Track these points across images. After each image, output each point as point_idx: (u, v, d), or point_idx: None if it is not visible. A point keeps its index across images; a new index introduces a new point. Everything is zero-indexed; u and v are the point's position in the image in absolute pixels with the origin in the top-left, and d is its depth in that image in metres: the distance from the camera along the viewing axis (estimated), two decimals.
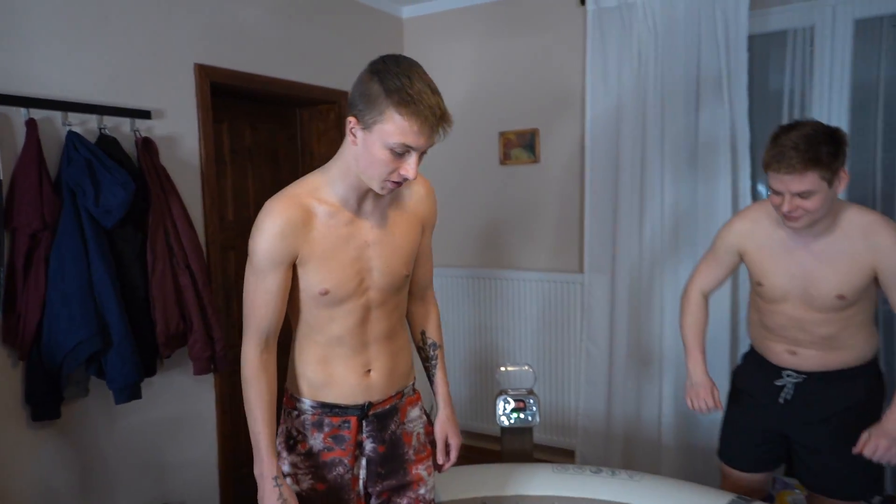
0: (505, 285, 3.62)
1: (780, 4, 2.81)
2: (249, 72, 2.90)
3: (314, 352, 1.58)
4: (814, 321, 1.84)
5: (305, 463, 1.57)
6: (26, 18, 2.15)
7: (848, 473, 1.89)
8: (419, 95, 1.28)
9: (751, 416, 2.07)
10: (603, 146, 3.17)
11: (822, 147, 1.64)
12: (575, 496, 2.01)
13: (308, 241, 1.46)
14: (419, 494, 1.67)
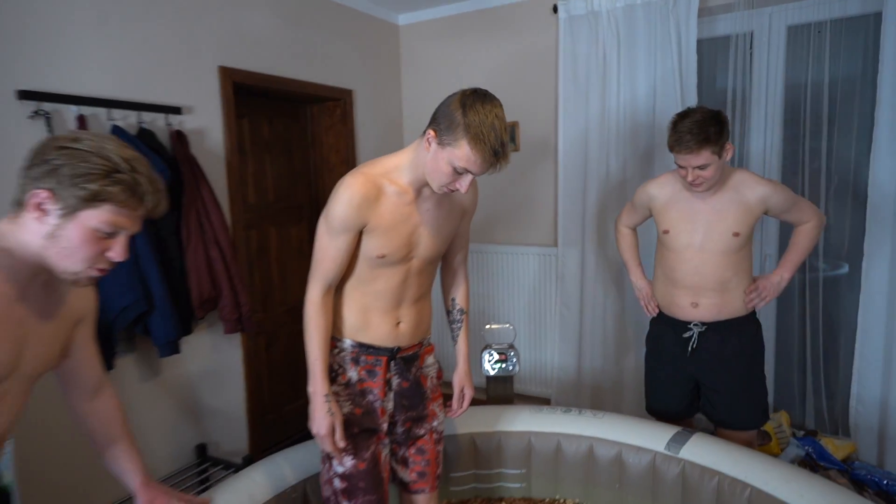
0: (491, 258, 3.60)
1: (724, 12, 2.80)
2: (266, 73, 2.88)
3: (358, 301, 1.64)
4: (713, 265, 1.97)
5: (345, 391, 1.62)
6: (77, 31, 2.15)
7: (743, 408, 2.06)
8: (489, 136, 1.34)
9: (668, 369, 2.17)
10: (573, 136, 3.16)
11: (710, 128, 1.81)
12: (548, 431, 2.09)
13: (377, 214, 1.52)
14: (433, 426, 1.75)
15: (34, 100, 1.99)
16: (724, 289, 2.00)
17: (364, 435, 1.61)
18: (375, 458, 1.62)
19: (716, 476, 1.76)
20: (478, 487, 2.13)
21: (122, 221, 1.08)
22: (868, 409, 2.62)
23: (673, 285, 2.08)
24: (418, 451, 1.72)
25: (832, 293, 2.79)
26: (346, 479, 1.60)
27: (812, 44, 2.67)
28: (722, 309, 2.01)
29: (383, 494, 1.64)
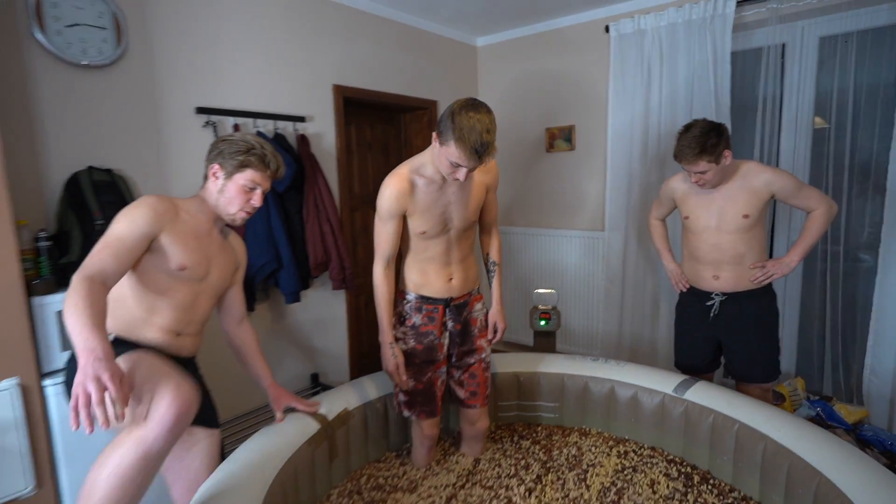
0: (548, 240, 3.73)
1: (758, 27, 2.80)
2: (369, 88, 3.16)
3: (418, 265, 1.88)
4: (728, 242, 2.05)
5: (411, 332, 1.87)
6: (232, 63, 2.51)
7: (757, 365, 2.12)
8: (470, 137, 1.49)
9: (694, 332, 2.24)
10: (620, 137, 3.23)
11: (707, 141, 1.89)
12: (578, 374, 2.24)
13: (413, 202, 1.75)
14: (481, 357, 1.97)
15: (205, 114, 2.42)
16: (740, 262, 2.06)
17: (424, 365, 1.88)
18: (431, 381, 1.89)
19: (711, 414, 1.91)
20: (520, 415, 2.33)
21: (258, 179, 1.55)
22: (881, 379, 2.61)
23: (697, 262, 2.16)
24: (470, 375, 1.96)
25: (851, 275, 2.76)
26: (408, 395, 1.89)
27: (840, 53, 2.64)
28: (739, 280, 2.07)
29: (436, 407, 1.91)
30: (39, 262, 1.85)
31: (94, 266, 1.27)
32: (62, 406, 1.76)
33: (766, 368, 2.13)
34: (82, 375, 1.08)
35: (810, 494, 1.52)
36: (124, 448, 1.24)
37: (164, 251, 1.44)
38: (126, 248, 1.35)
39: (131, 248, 1.36)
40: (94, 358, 1.10)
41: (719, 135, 1.92)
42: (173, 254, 1.45)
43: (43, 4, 1.95)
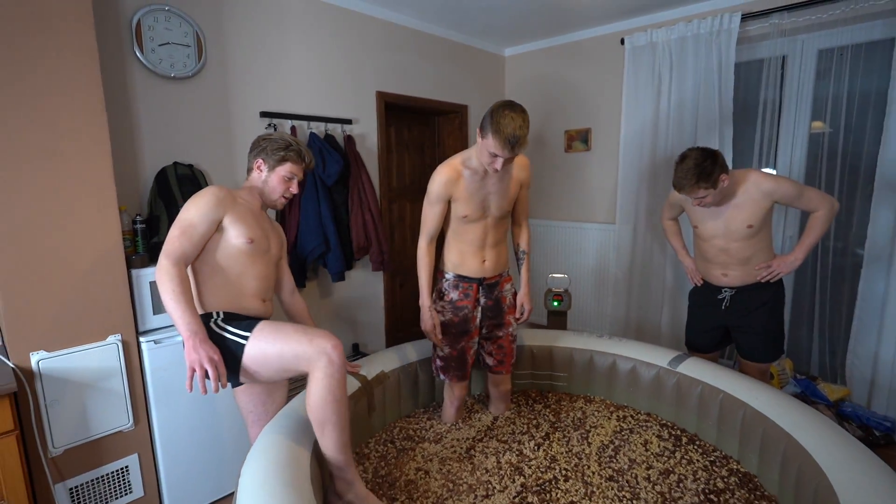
0: (566, 232, 3.80)
1: (760, 40, 2.82)
2: (407, 94, 3.28)
3: (456, 247, 1.97)
4: (735, 248, 2.03)
5: (448, 306, 1.97)
6: (291, 72, 2.66)
7: (762, 346, 2.11)
8: (506, 129, 1.61)
9: (704, 319, 2.24)
10: (632, 140, 3.28)
11: (703, 170, 1.85)
12: (584, 348, 2.33)
13: (458, 189, 1.85)
14: (508, 331, 2.06)
15: (268, 117, 2.58)
16: (747, 263, 2.04)
17: (458, 335, 1.99)
18: (464, 350, 2.01)
19: (700, 385, 1.99)
20: (533, 383, 2.44)
21: (295, 170, 1.70)
22: (862, 362, 2.64)
23: (707, 262, 2.15)
24: (498, 346, 2.07)
25: (839, 267, 2.77)
26: (444, 360, 2.02)
27: (835, 63, 2.64)
28: (746, 277, 2.06)
29: (466, 372, 2.04)
30: (136, 241, 2.06)
31: (176, 250, 1.46)
32: (154, 358, 1.96)
33: (769, 349, 2.11)
34: (193, 355, 1.36)
35: (779, 453, 1.61)
36: (325, 381, 1.42)
37: (233, 229, 1.58)
38: (198, 232, 1.51)
39: (203, 231, 1.52)
40: (199, 340, 1.38)
41: (714, 162, 1.87)
42: (241, 230, 1.58)
43: (142, 27, 2.14)
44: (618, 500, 1.64)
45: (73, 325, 1.77)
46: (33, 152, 1.64)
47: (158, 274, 1.43)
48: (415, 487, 1.72)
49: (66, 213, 1.72)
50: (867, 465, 1.34)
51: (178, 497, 2.07)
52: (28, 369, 1.69)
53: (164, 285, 1.42)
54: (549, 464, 1.84)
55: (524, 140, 1.64)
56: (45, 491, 1.75)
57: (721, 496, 1.65)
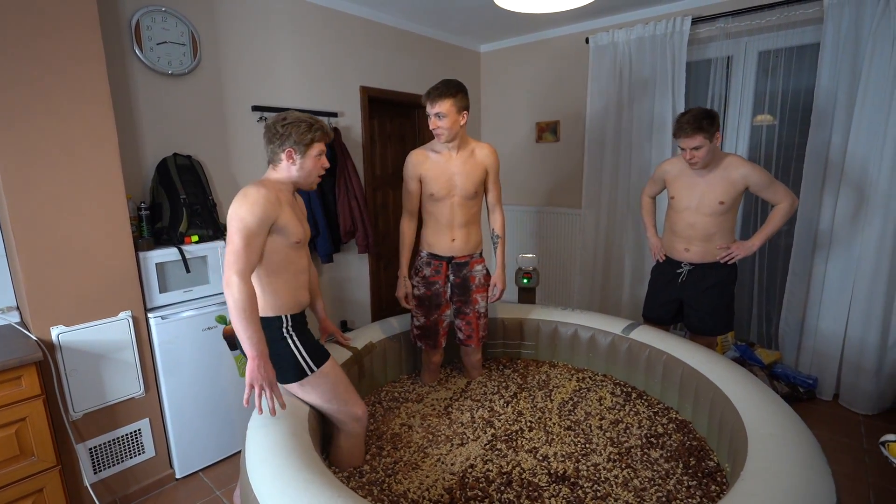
0: (537, 216, 3.98)
1: (709, 42, 3.01)
2: (389, 89, 3.39)
3: (430, 227, 2.11)
4: (702, 223, 2.14)
5: (422, 281, 2.13)
6: (280, 68, 2.75)
7: (710, 320, 2.23)
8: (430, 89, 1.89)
9: (662, 291, 2.36)
10: (596, 129, 3.45)
11: (703, 121, 1.97)
12: (549, 319, 2.53)
13: (426, 169, 2.00)
14: (475, 308, 2.20)
15: (259, 111, 2.69)
16: (709, 240, 2.15)
17: (431, 307, 2.15)
18: (436, 321, 2.17)
19: (647, 349, 2.21)
20: (504, 351, 2.63)
21: (323, 147, 1.62)
22: (792, 329, 2.91)
23: (673, 235, 2.26)
24: (466, 322, 2.23)
25: (774, 246, 3.03)
26: (420, 329, 2.18)
27: (772, 64, 2.85)
28: (705, 254, 2.18)
29: (437, 341, 2.19)
30: (142, 226, 2.18)
31: (244, 265, 1.41)
32: (162, 332, 2.10)
33: (717, 324, 2.23)
34: (255, 375, 1.40)
35: (708, 401, 1.85)
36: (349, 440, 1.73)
37: (284, 231, 1.54)
38: (259, 241, 1.47)
39: (261, 239, 1.48)
40: (264, 363, 1.41)
41: (713, 118, 1.99)
42: (290, 231, 1.55)
43: (141, 27, 2.23)
44: (573, 444, 1.86)
45: (89, 302, 1.90)
46: (50, 146, 1.76)
47: (229, 290, 1.38)
48: (399, 439, 1.92)
49: (79, 202, 1.85)
50: (774, 408, 1.57)
51: (186, 457, 2.23)
52: (49, 342, 1.83)
53: (235, 304, 1.38)
54: (517, 417, 2.05)
55: (437, 93, 1.89)
56: (69, 450, 1.90)
57: (660, 439, 1.88)
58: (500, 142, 4.11)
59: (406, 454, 1.82)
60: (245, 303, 1.39)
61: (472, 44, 4.03)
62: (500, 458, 1.78)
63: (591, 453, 1.80)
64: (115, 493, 2.05)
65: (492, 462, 1.76)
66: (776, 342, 3.05)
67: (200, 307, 2.21)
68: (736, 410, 1.64)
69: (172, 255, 2.15)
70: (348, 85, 3.16)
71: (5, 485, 1.66)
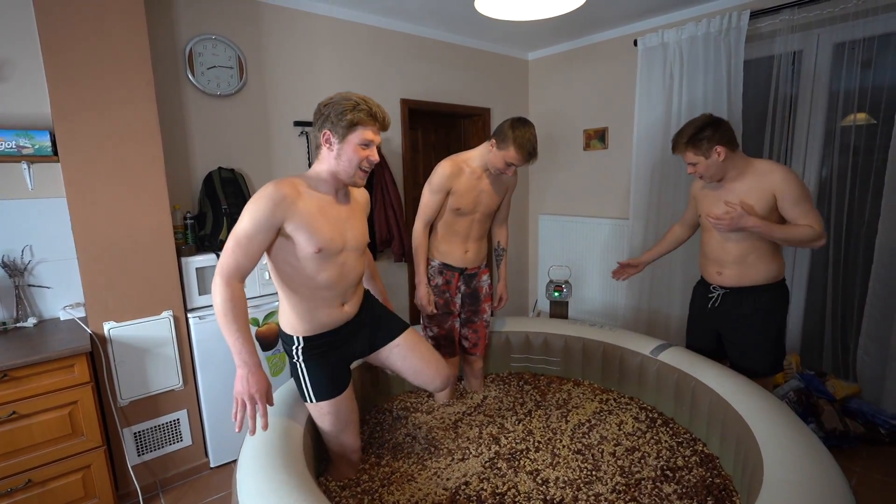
0: (583, 226, 3.81)
1: (770, 37, 2.72)
2: (431, 100, 3.42)
3: (445, 237, 2.09)
4: (733, 242, 1.86)
5: (434, 290, 2.11)
6: (319, 84, 2.87)
7: (751, 358, 1.93)
8: (528, 144, 1.82)
9: (697, 319, 2.11)
10: (645, 138, 3.23)
11: (698, 134, 1.74)
12: (577, 336, 2.41)
13: (458, 183, 1.99)
14: (482, 318, 2.20)
15: (300, 126, 2.84)
16: (744, 262, 1.86)
17: (445, 315, 2.14)
18: (451, 328, 2.16)
19: (676, 372, 2.03)
20: (527, 366, 2.55)
21: (370, 135, 1.38)
22: (873, 359, 2.53)
23: (705, 256, 2.00)
24: (473, 331, 2.21)
25: (852, 264, 2.65)
26: (434, 339, 2.17)
27: (850, 57, 2.51)
28: (742, 278, 1.88)
29: (454, 349, 2.19)
30: (186, 234, 2.39)
31: (229, 266, 1.30)
32: (199, 331, 2.28)
33: (759, 361, 1.91)
34: (241, 387, 1.26)
35: (735, 436, 1.65)
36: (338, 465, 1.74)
37: (299, 236, 1.36)
38: (254, 243, 1.31)
39: (260, 241, 1.32)
40: (249, 373, 1.26)
41: (715, 129, 1.72)
42: (307, 240, 1.36)
43: (193, 54, 2.46)
44: (579, 470, 1.75)
45: (135, 301, 2.12)
46: (106, 162, 1.99)
47: (212, 292, 1.29)
48: (400, 449, 1.92)
49: (130, 212, 2.07)
50: (803, 449, 1.37)
51: (219, 447, 2.39)
52: (102, 335, 2.05)
53: (216, 306, 1.27)
54: (525, 436, 1.97)
55: (537, 153, 1.87)
56: (116, 433, 2.12)
57: (678, 473, 1.71)
58: (546, 150, 4.00)
59: (405, 465, 1.81)
60: (223, 306, 1.27)
61: (519, 52, 3.97)
62: (498, 478, 1.72)
63: (596, 482, 1.68)
64: (156, 475, 2.25)
65: (488, 481, 1.70)
66: (853, 373, 2.65)
67: None
68: (758, 448, 1.45)
69: (212, 260, 2.33)
70: (388, 98, 3.24)
71: (59, 459, 1.88)
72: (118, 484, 2.13)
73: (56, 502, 1.88)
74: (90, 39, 1.90)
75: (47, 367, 1.81)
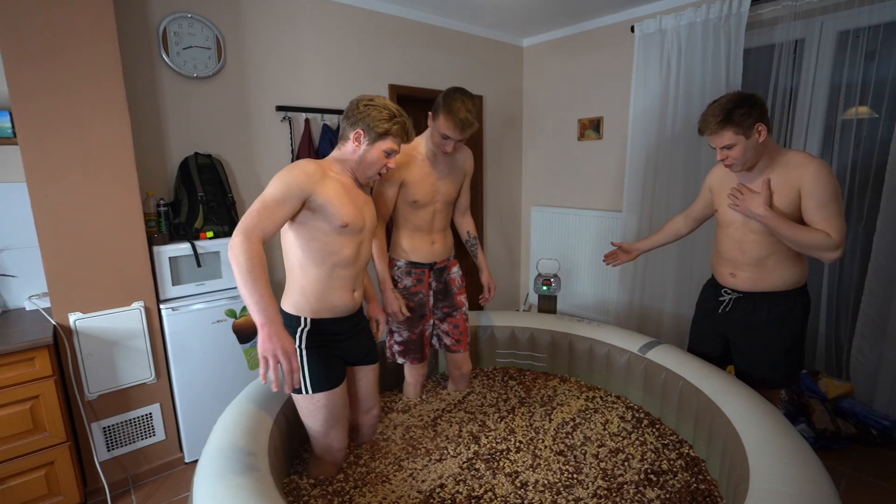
0: (575, 218, 3.71)
1: (772, 24, 2.63)
2: (421, 87, 3.32)
3: (406, 233, 1.96)
4: (752, 242, 1.66)
5: (402, 293, 1.97)
6: (305, 68, 2.78)
7: (761, 370, 1.77)
8: (459, 112, 1.66)
9: (704, 322, 1.94)
10: (640, 126, 3.15)
11: (735, 110, 1.50)
12: (564, 332, 2.34)
13: (409, 173, 1.85)
14: (461, 311, 2.10)
15: (283, 111, 2.73)
16: (761, 265, 1.67)
17: (416, 319, 2.01)
18: (421, 333, 2.04)
19: (664, 371, 1.96)
20: (513, 362, 2.48)
21: (395, 146, 1.47)
22: (866, 359, 2.47)
23: (718, 256, 1.81)
24: (454, 326, 2.11)
25: (848, 261, 2.58)
26: (403, 344, 2.03)
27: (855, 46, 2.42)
28: (758, 282, 1.69)
29: (424, 353, 2.07)
30: (160, 222, 2.29)
31: (254, 225, 1.27)
32: (173, 323, 2.20)
33: (771, 373, 1.75)
34: (269, 346, 1.20)
35: (722, 440, 1.59)
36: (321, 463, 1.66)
37: (326, 211, 1.39)
38: (282, 209, 1.32)
39: (288, 209, 1.33)
40: (275, 330, 1.21)
41: (752, 105, 1.50)
42: (334, 213, 1.40)
43: (168, 33, 2.35)
44: (560, 472, 1.68)
45: (104, 291, 2.03)
46: (69, 145, 1.88)
47: (231, 251, 1.23)
48: (377, 448, 1.85)
49: (96, 199, 1.97)
50: (792, 457, 1.30)
51: (194, 442, 2.32)
52: (67, 327, 1.97)
53: (237, 264, 1.21)
54: (507, 435, 1.90)
55: (473, 123, 1.69)
56: (83, 428, 2.04)
57: (662, 477, 1.64)
58: (540, 140, 3.90)
59: (381, 465, 1.74)
60: (247, 263, 1.21)
61: (513, 38, 3.86)
62: (475, 480, 1.65)
63: (577, 485, 1.61)
64: (127, 470, 2.18)
65: (465, 483, 1.64)
66: (847, 372, 2.60)
67: (211, 300, 2.29)
68: (745, 454, 1.38)
69: (186, 249, 2.24)
70: (377, 83, 3.14)
71: (19, 455, 1.80)
72: (86, 480, 2.06)
73: (17, 500, 1.81)
74: (51, 11, 1.79)
75: (6, 359, 1.73)
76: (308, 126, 2.79)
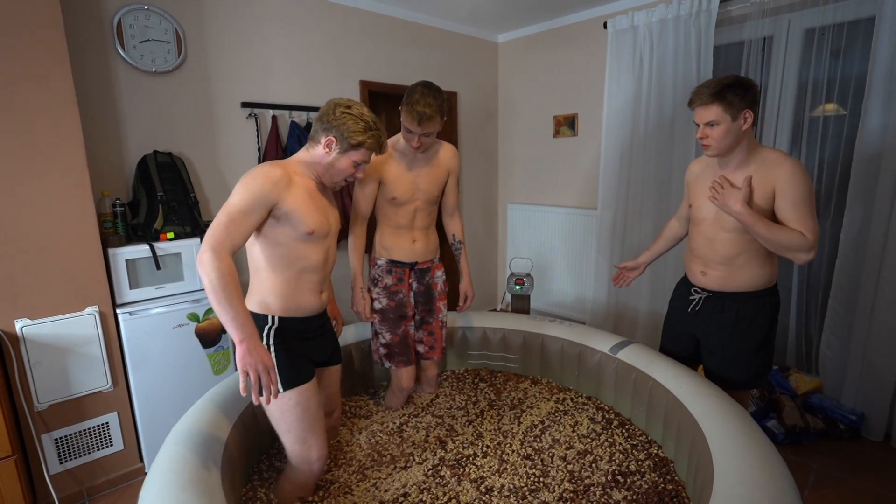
0: (551, 216, 3.69)
1: (741, 21, 2.62)
2: (392, 83, 3.25)
3: (387, 231, 1.93)
4: (723, 240, 1.63)
5: (383, 292, 1.94)
6: (272, 63, 2.70)
7: (729, 371, 1.73)
8: (417, 105, 1.62)
9: (674, 322, 1.90)
10: (615, 124, 3.13)
11: (729, 88, 1.47)
12: (536, 332, 2.31)
13: (386, 170, 1.81)
14: (438, 317, 2.05)
15: (249, 107, 2.65)
16: (732, 264, 1.64)
17: (398, 319, 1.97)
18: (405, 334, 1.99)
19: (634, 371, 1.94)
20: (485, 363, 2.44)
21: (366, 158, 1.44)
22: (835, 354, 2.48)
23: (691, 253, 1.78)
24: (429, 333, 2.06)
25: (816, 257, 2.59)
26: (387, 347, 1.98)
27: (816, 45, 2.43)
28: (728, 281, 1.66)
29: (411, 356, 2.02)
30: (116, 222, 2.20)
31: (222, 241, 1.24)
32: (130, 328, 2.11)
33: (738, 373, 1.72)
34: (249, 360, 1.21)
35: (689, 440, 1.56)
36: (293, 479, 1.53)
37: (292, 219, 1.37)
38: (249, 220, 1.30)
39: (254, 219, 1.31)
40: (252, 346, 1.21)
41: (746, 89, 1.48)
42: (300, 221, 1.37)
43: (123, 25, 2.25)
44: (526, 476, 1.64)
45: (53, 296, 1.93)
46: (12, 143, 1.78)
47: (201, 268, 1.21)
48: (342, 455, 1.79)
49: (41, 197, 1.87)
50: (756, 458, 1.28)
51: (155, 451, 2.23)
52: (13, 334, 1.86)
53: (209, 281, 1.20)
54: (474, 440, 1.86)
55: (432, 116, 1.64)
56: (31, 440, 1.94)
57: (629, 478, 1.62)
58: (516, 137, 3.87)
59: (344, 475, 1.69)
60: (220, 280, 1.20)
61: (488, 34, 3.81)
62: (440, 488, 1.60)
63: (543, 489, 1.58)
64: (82, 483, 2.09)
65: (429, 491, 1.59)
66: (816, 367, 2.61)
67: (172, 304, 2.20)
68: (710, 454, 1.36)
69: (144, 251, 2.15)
70: (347, 79, 3.07)
71: None
72: (36, 494, 1.96)
73: None
74: None
75: None
76: (275, 123, 2.71)
